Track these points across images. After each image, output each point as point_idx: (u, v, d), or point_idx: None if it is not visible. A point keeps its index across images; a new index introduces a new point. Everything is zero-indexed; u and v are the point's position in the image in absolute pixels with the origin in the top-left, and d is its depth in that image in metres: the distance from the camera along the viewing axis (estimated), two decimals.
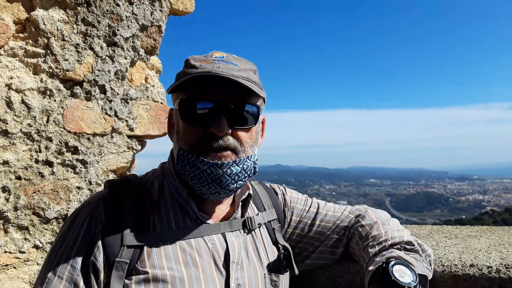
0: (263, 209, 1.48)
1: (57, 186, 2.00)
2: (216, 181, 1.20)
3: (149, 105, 2.41)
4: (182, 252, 1.19)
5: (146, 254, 1.16)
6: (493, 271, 1.33)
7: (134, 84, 2.35)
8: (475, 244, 1.62)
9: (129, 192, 1.26)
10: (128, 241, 1.16)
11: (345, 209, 1.57)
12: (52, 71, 1.99)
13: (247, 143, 1.25)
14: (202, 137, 1.20)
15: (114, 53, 2.21)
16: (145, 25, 2.32)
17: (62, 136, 2.03)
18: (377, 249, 1.34)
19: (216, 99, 1.20)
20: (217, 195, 1.25)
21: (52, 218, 1.97)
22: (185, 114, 1.23)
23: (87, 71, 2.11)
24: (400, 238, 1.36)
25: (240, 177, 1.24)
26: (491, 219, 58.78)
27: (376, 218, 1.48)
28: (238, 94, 1.22)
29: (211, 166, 1.18)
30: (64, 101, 2.04)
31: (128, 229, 1.18)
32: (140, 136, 2.37)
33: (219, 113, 1.19)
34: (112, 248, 1.15)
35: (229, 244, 1.27)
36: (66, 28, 2.03)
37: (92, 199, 1.26)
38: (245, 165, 1.25)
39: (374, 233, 1.40)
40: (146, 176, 1.40)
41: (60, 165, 2.02)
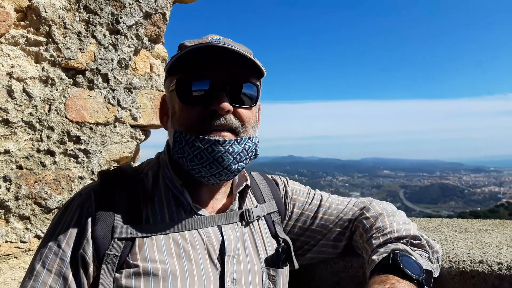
0: (263, 201, 1.43)
1: (58, 176, 1.99)
2: (218, 160, 1.14)
3: (153, 94, 2.38)
4: (175, 245, 1.16)
5: (137, 247, 1.12)
6: (503, 268, 1.27)
7: (138, 73, 2.31)
8: (485, 239, 1.55)
9: (122, 183, 1.23)
10: (119, 233, 1.12)
11: (349, 202, 1.52)
12: (54, 59, 1.97)
13: (249, 123, 1.21)
14: (202, 117, 1.16)
15: (117, 41, 2.17)
16: (149, 12, 2.27)
17: (64, 126, 2.01)
18: (382, 241, 1.29)
19: (216, 76, 1.16)
20: (218, 176, 1.19)
21: (53, 208, 1.96)
22: (183, 93, 1.18)
23: (90, 59, 2.08)
24: (407, 232, 1.30)
25: (241, 157, 1.19)
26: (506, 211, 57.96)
27: (382, 210, 1.42)
28: (239, 70, 1.18)
29: (212, 143, 1.13)
30: (66, 90, 2.02)
31: (120, 221, 1.14)
32: (144, 126, 2.34)
33: (220, 90, 1.15)
34: (102, 240, 1.12)
35: (225, 237, 1.22)
36: (68, 16, 2.00)
37: (84, 190, 1.23)
38: (247, 145, 1.20)
39: (379, 225, 1.35)
40: (141, 167, 1.36)
41: (62, 154, 2.01)
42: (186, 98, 1.18)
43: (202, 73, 1.17)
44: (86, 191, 1.21)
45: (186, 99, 1.18)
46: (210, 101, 1.15)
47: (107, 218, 1.14)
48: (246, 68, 1.19)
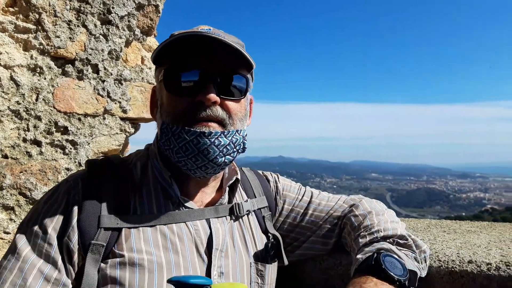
0: (253, 196, 1.41)
1: (45, 167, 1.95)
2: (203, 152, 1.12)
3: (144, 87, 2.35)
4: (162, 237, 1.14)
5: (124, 237, 1.10)
6: (492, 269, 1.26)
7: (128, 64, 2.28)
8: (474, 240, 1.55)
9: (109, 172, 1.20)
10: (105, 223, 1.10)
11: (339, 199, 1.51)
12: (43, 47, 1.92)
13: (236, 115, 1.19)
14: (189, 107, 1.14)
15: (108, 32, 2.13)
16: (142, 3, 2.24)
17: (52, 116, 1.97)
18: (368, 240, 1.28)
19: (204, 67, 1.14)
20: (204, 169, 1.17)
21: None
22: (170, 83, 1.16)
23: (80, 49, 2.04)
24: (394, 231, 1.29)
25: (228, 150, 1.17)
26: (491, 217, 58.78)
27: (370, 208, 1.41)
28: (228, 62, 1.16)
29: (198, 135, 1.11)
30: (55, 80, 1.97)
31: (106, 211, 1.12)
32: (133, 119, 2.31)
33: (207, 81, 1.13)
34: (88, 229, 1.09)
35: (213, 230, 1.20)
36: (59, 4, 1.96)
37: (71, 177, 1.20)
38: (234, 138, 1.18)
39: (367, 223, 1.34)
40: (129, 157, 1.33)
41: (49, 145, 1.96)
42: (173, 89, 1.16)
43: (191, 64, 1.15)
44: (73, 178, 1.18)
45: (173, 89, 1.16)
46: (197, 92, 1.13)
47: (94, 207, 1.11)
48: (236, 60, 1.17)
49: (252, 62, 1.19)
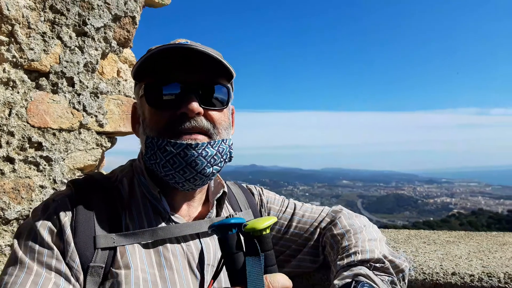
0: (239, 210, 1.40)
1: (18, 185, 1.86)
2: (191, 164, 1.11)
3: (121, 100, 2.29)
4: (156, 254, 1.11)
5: (119, 255, 1.07)
6: (475, 280, 1.29)
7: (105, 77, 2.22)
8: (454, 251, 1.58)
9: (96, 190, 1.16)
10: (101, 243, 1.06)
11: (322, 211, 1.51)
12: (16, 60, 1.85)
13: (221, 125, 1.19)
14: (172, 120, 1.12)
15: (84, 44, 2.08)
16: (118, 15, 2.19)
17: (25, 131, 1.89)
18: (345, 262, 1.26)
19: (185, 79, 1.14)
20: (193, 181, 1.16)
21: (12, 219, 1.83)
22: (152, 98, 1.15)
23: (54, 62, 1.98)
24: (371, 254, 1.27)
25: (216, 161, 1.16)
26: (457, 222, 60.53)
27: (349, 226, 1.40)
28: (208, 73, 1.16)
29: (185, 148, 1.10)
30: (28, 93, 1.90)
31: (100, 231, 1.08)
32: (110, 133, 2.25)
33: (189, 93, 1.12)
34: (85, 252, 1.05)
35: (204, 246, 1.19)
36: (33, 15, 1.89)
37: (57, 197, 1.14)
38: (221, 147, 1.17)
39: (344, 244, 1.33)
40: (113, 174, 1.29)
41: (22, 162, 1.88)
42: (155, 103, 1.15)
43: (171, 77, 1.14)
44: (60, 198, 1.13)
45: (155, 103, 1.15)
46: (179, 104, 1.12)
47: (87, 227, 1.07)
48: (216, 71, 1.17)
49: (233, 72, 1.19)
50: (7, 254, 1.84)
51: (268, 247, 1.02)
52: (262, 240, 1.01)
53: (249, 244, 0.99)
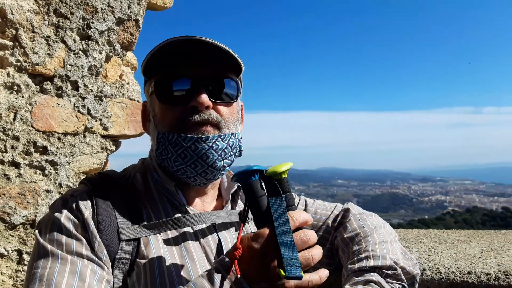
0: None
1: (24, 189, 1.85)
2: (202, 157, 1.12)
3: (125, 103, 2.29)
4: (177, 246, 1.13)
5: (143, 246, 1.08)
6: (492, 278, 1.30)
7: (109, 80, 2.21)
8: (467, 250, 1.59)
9: (113, 187, 1.17)
10: (125, 235, 1.07)
11: (335, 208, 1.50)
12: (20, 65, 1.84)
13: (229, 119, 1.20)
14: (183, 114, 1.13)
15: (88, 47, 2.07)
16: (122, 18, 2.19)
17: (30, 135, 1.88)
18: (356, 267, 1.26)
19: (194, 74, 1.14)
20: (204, 175, 1.16)
21: (18, 224, 1.82)
22: (162, 94, 1.16)
23: (59, 65, 1.97)
24: (383, 261, 1.25)
25: (226, 154, 1.17)
26: (452, 219, 60.77)
27: (359, 228, 1.38)
28: (217, 67, 1.17)
29: (195, 141, 1.11)
30: (33, 98, 1.89)
31: (123, 223, 1.09)
32: (115, 136, 2.24)
33: (199, 87, 1.13)
34: (110, 245, 1.05)
35: (222, 238, 1.20)
36: (37, 19, 1.88)
37: (75, 192, 1.14)
38: (231, 141, 1.18)
39: (355, 248, 1.32)
40: (126, 171, 1.30)
41: (28, 166, 1.87)
42: (165, 98, 1.16)
43: (180, 72, 1.15)
44: (79, 193, 1.12)
45: (166, 99, 1.16)
46: (189, 98, 1.13)
47: (110, 220, 1.08)
48: (225, 64, 1.18)
49: (241, 64, 1.19)
50: (13, 259, 1.83)
51: (287, 188, 1.10)
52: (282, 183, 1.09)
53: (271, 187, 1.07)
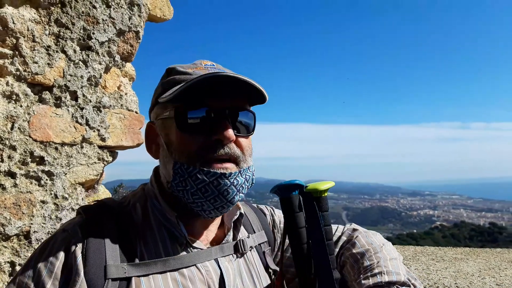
0: (253, 231, 1.38)
1: (19, 200, 1.82)
2: (223, 193, 1.09)
3: (123, 114, 2.28)
4: (174, 283, 1.07)
5: (134, 286, 1.03)
6: None
7: (107, 91, 2.21)
8: (465, 268, 1.60)
9: (108, 217, 1.12)
10: (112, 273, 1.02)
11: (337, 229, 1.50)
12: (19, 74, 1.83)
13: (247, 151, 1.17)
14: (204, 146, 1.10)
15: (88, 58, 2.06)
16: (123, 30, 2.19)
17: (27, 145, 1.86)
18: (371, 283, 1.24)
19: (217, 105, 1.12)
20: (221, 209, 1.13)
21: (12, 235, 1.79)
22: (183, 123, 1.12)
23: (58, 75, 1.96)
24: (398, 277, 1.26)
25: (243, 188, 1.15)
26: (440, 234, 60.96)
27: (368, 245, 1.38)
28: (237, 98, 1.15)
29: (218, 177, 1.07)
30: (31, 107, 1.88)
31: (112, 260, 1.04)
32: (112, 147, 2.22)
33: (222, 119, 1.10)
34: (95, 282, 1.00)
35: (224, 270, 1.16)
36: (38, 29, 1.88)
37: (67, 226, 1.11)
38: (247, 175, 1.16)
39: (366, 264, 1.31)
40: (125, 199, 1.25)
41: (24, 176, 1.85)
42: (186, 128, 1.12)
43: (201, 101, 1.11)
44: (71, 227, 1.09)
45: (186, 128, 1.12)
46: (213, 130, 1.10)
47: (99, 257, 1.03)
48: (243, 96, 1.17)
49: (266, 96, 1.17)
50: (6, 271, 1.79)
51: (325, 208, 1.12)
52: (321, 201, 1.11)
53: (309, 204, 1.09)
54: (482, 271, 1.48)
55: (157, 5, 2.47)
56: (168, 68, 1.22)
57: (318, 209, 1.13)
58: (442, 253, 1.78)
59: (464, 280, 1.36)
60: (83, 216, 1.12)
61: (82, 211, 1.14)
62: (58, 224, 1.94)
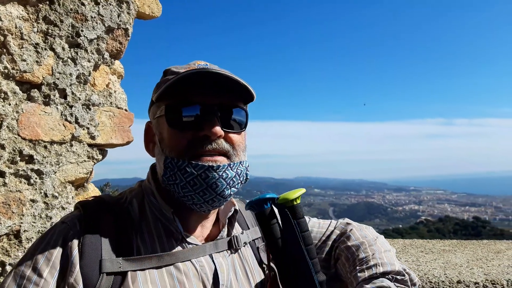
0: (247, 227, 1.40)
1: (8, 199, 1.81)
2: (212, 186, 1.11)
3: (113, 112, 2.27)
4: (169, 277, 1.09)
5: (130, 280, 1.04)
6: (480, 287, 1.34)
7: (96, 89, 2.19)
8: (453, 259, 1.64)
9: (106, 212, 1.14)
10: (107, 267, 1.04)
11: (330, 224, 1.53)
12: (7, 71, 1.81)
13: (239, 147, 1.20)
14: (193, 141, 1.13)
15: (76, 55, 2.05)
16: (112, 27, 2.18)
17: (16, 144, 1.84)
18: (367, 275, 1.28)
19: (206, 101, 1.15)
20: (211, 203, 1.16)
21: (2, 235, 1.78)
22: (173, 119, 1.15)
23: (47, 73, 1.94)
24: (392, 267, 1.30)
25: (234, 182, 1.17)
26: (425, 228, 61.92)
27: (362, 238, 1.42)
28: (228, 96, 1.18)
29: (206, 169, 1.10)
30: (20, 105, 1.86)
31: (108, 254, 1.06)
32: (101, 145, 2.21)
33: (211, 115, 1.13)
34: (90, 275, 1.02)
35: (217, 266, 1.18)
36: (26, 26, 1.86)
37: (66, 218, 1.12)
38: (239, 169, 1.18)
39: (362, 256, 1.35)
40: (122, 195, 1.28)
41: (13, 175, 1.83)
42: (176, 124, 1.15)
43: (192, 99, 1.15)
44: (70, 219, 1.11)
45: (176, 124, 1.15)
46: (201, 126, 1.13)
47: (94, 251, 1.05)
48: (235, 93, 1.19)
49: (254, 94, 1.20)
50: None
51: (300, 215, 1.17)
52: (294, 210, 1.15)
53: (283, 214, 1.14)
54: (470, 261, 1.52)
55: (146, 2, 2.46)
56: (165, 70, 1.27)
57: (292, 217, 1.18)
58: (431, 246, 1.82)
59: (453, 270, 1.40)
60: (81, 211, 1.13)
61: (81, 206, 1.15)
62: (48, 223, 1.93)
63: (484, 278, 1.38)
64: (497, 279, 1.34)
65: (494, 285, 1.33)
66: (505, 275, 1.39)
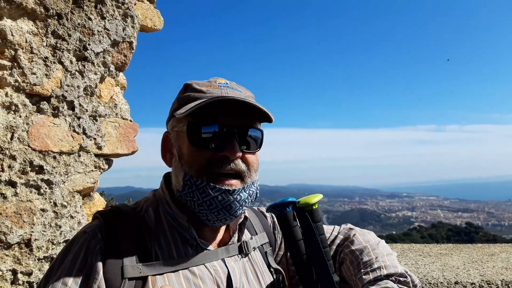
0: (255, 233, 1.46)
1: (20, 209, 1.86)
2: (227, 207, 1.18)
3: (118, 123, 2.33)
4: (186, 281, 1.15)
5: (150, 285, 1.10)
6: (476, 287, 1.42)
7: (102, 100, 2.26)
8: (450, 262, 1.71)
9: (123, 221, 1.20)
10: (129, 273, 1.09)
11: (334, 229, 1.59)
12: (18, 85, 1.87)
13: (253, 167, 1.26)
14: (213, 161, 1.19)
15: (84, 68, 2.11)
16: (117, 40, 2.25)
17: (27, 155, 1.89)
18: (372, 277, 1.35)
19: (227, 123, 1.21)
20: (224, 221, 1.23)
21: (14, 243, 1.82)
22: (194, 137, 1.20)
23: (56, 86, 2.00)
24: (395, 269, 1.37)
25: (246, 203, 1.24)
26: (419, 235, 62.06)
27: (365, 242, 1.49)
28: (247, 116, 1.24)
29: (223, 192, 1.17)
30: (30, 117, 1.91)
31: (129, 260, 1.12)
32: (108, 155, 2.27)
33: (230, 136, 1.19)
34: (113, 282, 1.08)
35: (230, 270, 1.24)
36: (35, 40, 1.92)
37: (88, 228, 1.18)
38: (251, 190, 1.25)
39: (365, 259, 1.41)
40: (138, 205, 1.34)
41: (24, 185, 1.88)
42: (197, 142, 1.20)
43: (213, 118, 1.20)
44: (91, 229, 1.16)
45: (197, 142, 1.20)
46: (221, 146, 1.19)
47: (116, 257, 1.11)
48: (253, 114, 1.26)
49: (272, 117, 1.26)
50: (8, 279, 1.82)
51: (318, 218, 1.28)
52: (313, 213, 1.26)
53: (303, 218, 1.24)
54: (466, 264, 1.59)
55: (148, 16, 2.53)
56: (185, 84, 1.32)
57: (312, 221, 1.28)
58: (428, 250, 1.91)
59: (450, 272, 1.47)
60: (101, 220, 1.19)
61: (100, 216, 1.21)
62: (58, 231, 1.98)
63: (480, 279, 1.46)
64: (492, 280, 1.42)
65: (490, 285, 1.40)
66: (500, 276, 1.47)
